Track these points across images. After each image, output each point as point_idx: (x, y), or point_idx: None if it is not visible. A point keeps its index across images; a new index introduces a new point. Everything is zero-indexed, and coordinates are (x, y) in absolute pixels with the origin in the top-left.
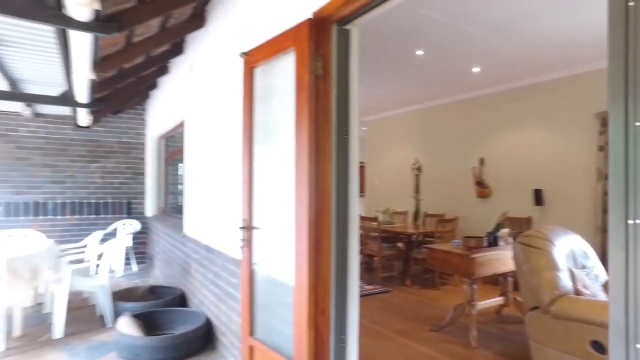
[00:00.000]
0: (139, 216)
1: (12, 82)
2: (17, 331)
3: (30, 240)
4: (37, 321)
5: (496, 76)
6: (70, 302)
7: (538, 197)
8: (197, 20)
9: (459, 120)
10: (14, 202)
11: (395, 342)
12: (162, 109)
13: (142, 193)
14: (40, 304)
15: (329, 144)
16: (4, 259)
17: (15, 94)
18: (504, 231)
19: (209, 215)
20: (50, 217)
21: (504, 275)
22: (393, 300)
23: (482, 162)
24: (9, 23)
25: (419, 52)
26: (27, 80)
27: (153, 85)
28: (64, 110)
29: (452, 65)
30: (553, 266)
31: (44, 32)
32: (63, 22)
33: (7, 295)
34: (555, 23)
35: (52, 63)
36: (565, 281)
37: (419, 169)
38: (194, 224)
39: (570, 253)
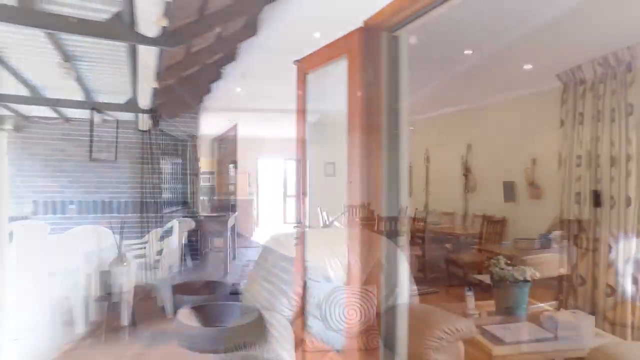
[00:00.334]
0: (193, 215)
1: (87, 92)
2: (91, 317)
3: (100, 236)
4: (107, 309)
5: (549, 73)
6: (134, 293)
7: (596, 199)
8: (250, 29)
9: (509, 120)
10: (84, 201)
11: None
12: (215, 113)
13: (196, 193)
14: (109, 294)
15: (380, 147)
16: (82, 252)
17: (88, 103)
18: (557, 233)
19: (261, 214)
20: (115, 214)
21: (558, 278)
22: (440, 301)
23: (534, 162)
24: (87, 41)
25: (468, 52)
26: (98, 90)
27: (207, 90)
28: (128, 116)
29: (502, 63)
30: (611, 271)
31: (117, 48)
32: (136, 39)
33: (85, 284)
34: (612, 18)
35: (122, 74)
36: (626, 287)
37: (467, 169)
38: (246, 222)
39: (634, 259)
